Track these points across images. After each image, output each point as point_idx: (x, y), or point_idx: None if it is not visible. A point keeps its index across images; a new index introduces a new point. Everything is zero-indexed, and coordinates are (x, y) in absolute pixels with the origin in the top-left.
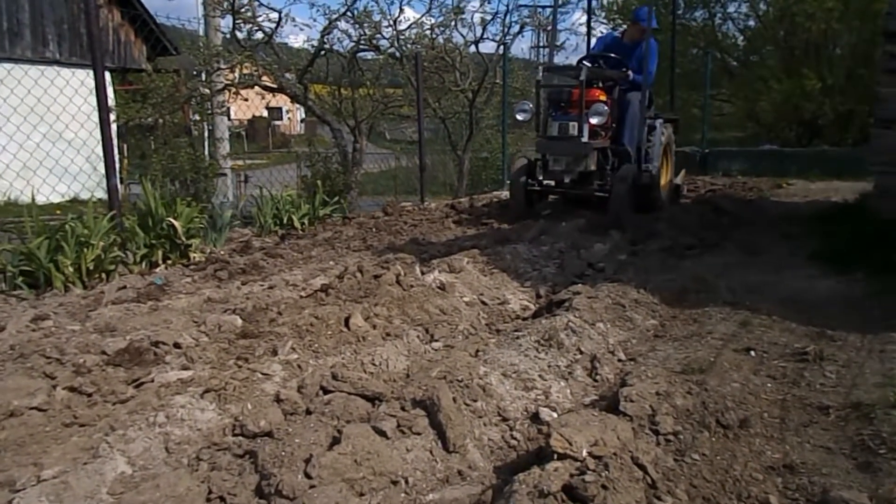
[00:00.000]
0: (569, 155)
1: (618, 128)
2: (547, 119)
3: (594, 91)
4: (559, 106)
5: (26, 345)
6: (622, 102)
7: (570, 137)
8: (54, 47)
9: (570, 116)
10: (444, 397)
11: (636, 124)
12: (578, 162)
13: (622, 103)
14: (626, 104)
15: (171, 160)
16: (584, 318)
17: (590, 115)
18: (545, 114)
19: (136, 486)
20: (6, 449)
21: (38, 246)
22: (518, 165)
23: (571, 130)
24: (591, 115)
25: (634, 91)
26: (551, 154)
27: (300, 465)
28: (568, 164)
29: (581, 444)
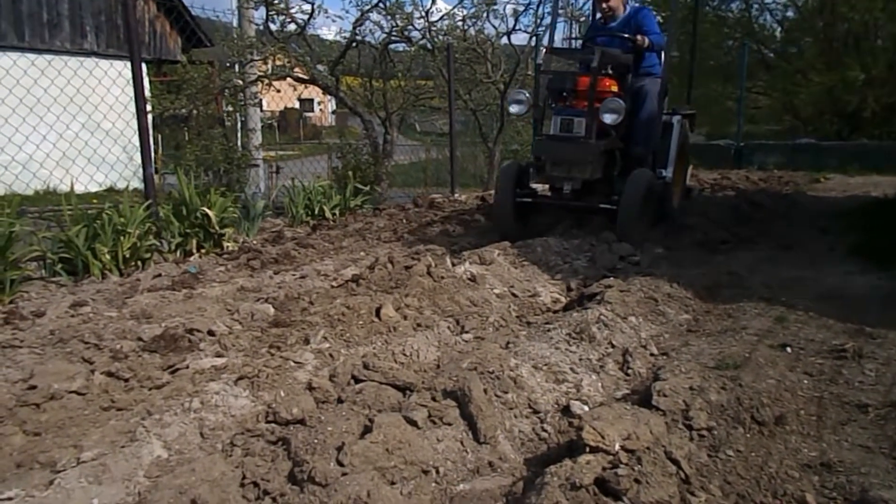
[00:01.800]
0: (573, 159)
1: (630, 124)
2: (545, 113)
3: (605, 80)
4: (561, 97)
5: (65, 330)
6: (636, 93)
7: (576, 138)
8: (92, 39)
9: (575, 111)
10: (475, 388)
11: (653, 121)
12: (583, 168)
13: (636, 94)
14: (642, 96)
15: (204, 151)
16: (616, 312)
17: (602, 111)
18: (545, 106)
19: (171, 469)
20: (47, 431)
21: (77, 234)
22: (505, 171)
23: (577, 129)
24: (604, 111)
25: (650, 78)
26: (552, 158)
27: (332, 452)
28: (570, 169)
29: (613, 437)
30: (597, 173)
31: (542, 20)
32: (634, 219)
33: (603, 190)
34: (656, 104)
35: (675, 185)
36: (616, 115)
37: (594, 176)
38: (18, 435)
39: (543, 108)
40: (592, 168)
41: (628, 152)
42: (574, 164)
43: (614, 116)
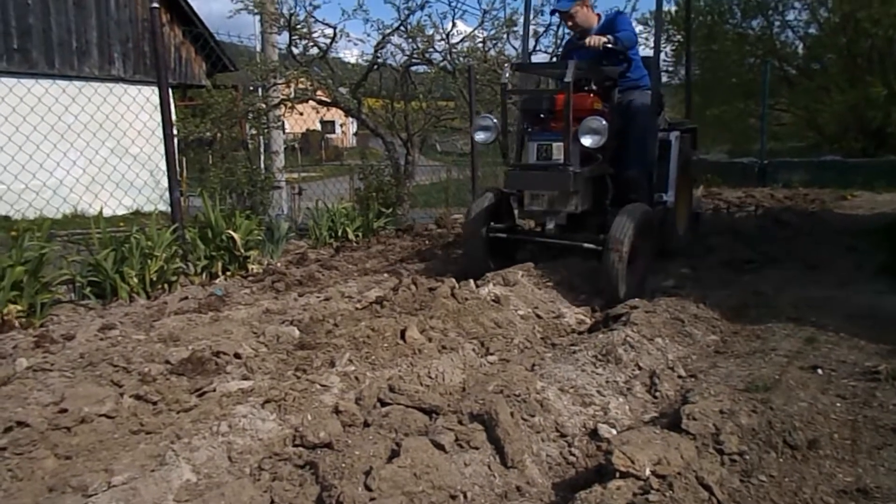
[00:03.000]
0: (552, 190)
1: (619, 146)
2: (523, 139)
3: (585, 97)
4: (538, 119)
5: (95, 353)
6: (625, 109)
7: (554, 165)
8: (119, 65)
9: (554, 134)
10: (502, 412)
11: (646, 139)
12: (566, 200)
13: (625, 110)
14: (631, 112)
15: (228, 174)
16: (643, 333)
17: (581, 132)
18: (520, 131)
19: (200, 494)
20: (78, 454)
21: (105, 257)
22: (479, 201)
23: (556, 154)
24: (583, 132)
25: (640, 91)
26: (527, 190)
27: (360, 477)
28: (552, 202)
29: (644, 462)
30: (584, 205)
31: (562, 41)
32: (622, 268)
33: (595, 222)
34: (648, 120)
35: (679, 210)
36: (597, 137)
37: (581, 208)
38: (50, 458)
39: (521, 135)
40: (578, 199)
41: (620, 177)
42: (556, 196)
43: (596, 138)
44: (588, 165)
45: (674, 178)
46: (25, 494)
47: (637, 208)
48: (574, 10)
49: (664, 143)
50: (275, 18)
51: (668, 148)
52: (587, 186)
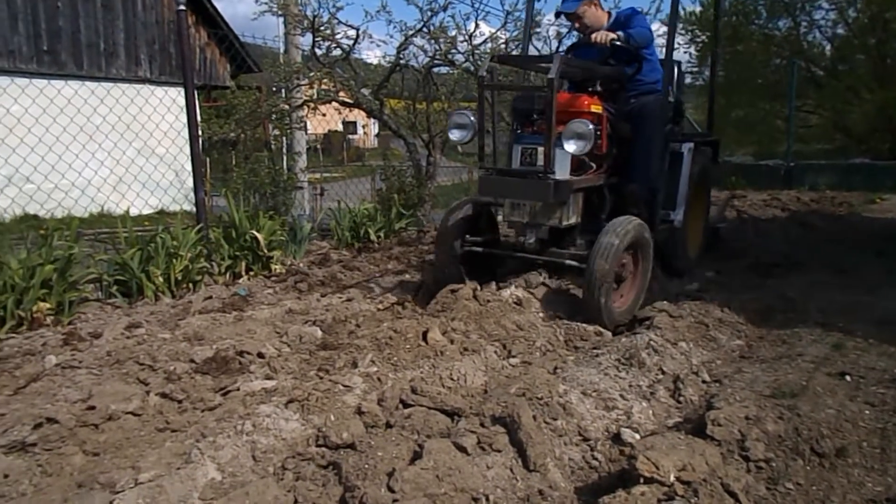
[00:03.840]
0: (529, 200)
1: (624, 154)
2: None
3: (581, 98)
4: (529, 121)
5: (121, 351)
6: (635, 115)
7: (533, 173)
8: (146, 66)
9: (541, 138)
10: (524, 415)
11: (651, 150)
12: (549, 212)
13: (633, 116)
14: (640, 118)
15: (252, 174)
16: (666, 337)
17: (564, 137)
18: (511, 133)
19: (225, 492)
20: (106, 451)
21: (132, 257)
22: (454, 210)
23: (541, 160)
24: (567, 137)
25: (655, 96)
26: (501, 197)
27: (383, 478)
28: (533, 213)
29: (668, 468)
30: (571, 218)
31: None
32: (605, 292)
33: (589, 238)
34: (656, 128)
35: (689, 231)
36: (582, 143)
37: (567, 221)
38: (79, 455)
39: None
40: (563, 212)
41: (620, 190)
42: (538, 207)
43: (580, 144)
44: (581, 174)
45: (684, 194)
46: (55, 490)
47: (626, 223)
48: (581, 10)
49: (675, 156)
50: (298, 20)
51: (680, 161)
52: (577, 198)
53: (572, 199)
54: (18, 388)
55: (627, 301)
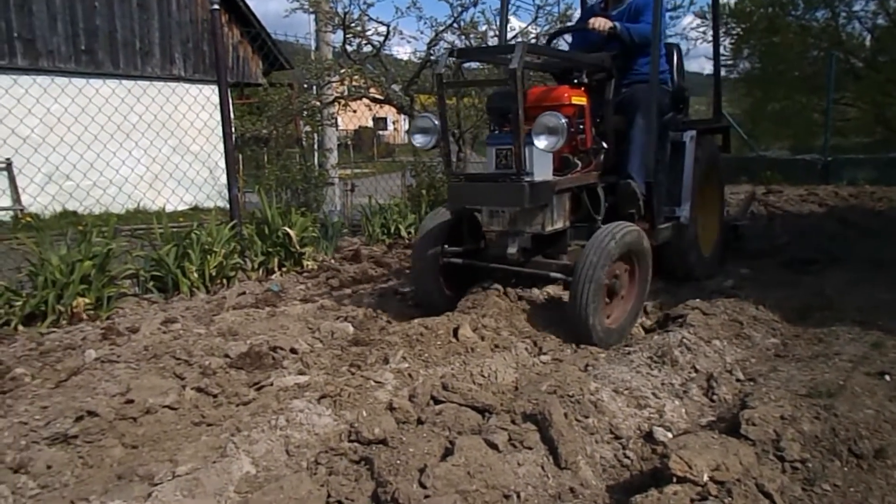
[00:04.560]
0: (501, 206)
1: (618, 149)
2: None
3: (559, 90)
4: (506, 120)
5: (158, 346)
6: (624, 104)
7: (505, 176)
8: (180, 65)
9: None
10: (556, 412)
11: (645, 142)
12: (529, 218)
13: (624, 105)
14: (630, 108)
15: (284, 170)
16: (700, 335)
17: (535, 132)
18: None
19: (260, 486)
20: (144, 444)
21: (167, 253)
22: (430, 221)
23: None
24: (538, 132)
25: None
26: (473, 205)
27: (414, 474)
28: (513, 220)
29: (701, 467)
30: (556, 223)
31: None
32: (593, 307)
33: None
34: (648, 117)
35: (703, 227)
36: (554, 138)
37: (551, 227)
38: (118, 447)
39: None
40: (546, 216)
41: (613, 188)
42: (517, 213)
43: (552, 140)
44: (565, 173)
45: (689, 187)
46: (96, 481)
47: (618, 229)
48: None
49: (677, 146)
50: (329, 17)
51: (682, 151)
52: (562, 200)
53: (556, 201)
54: (60, 382)
55: (622, 317)
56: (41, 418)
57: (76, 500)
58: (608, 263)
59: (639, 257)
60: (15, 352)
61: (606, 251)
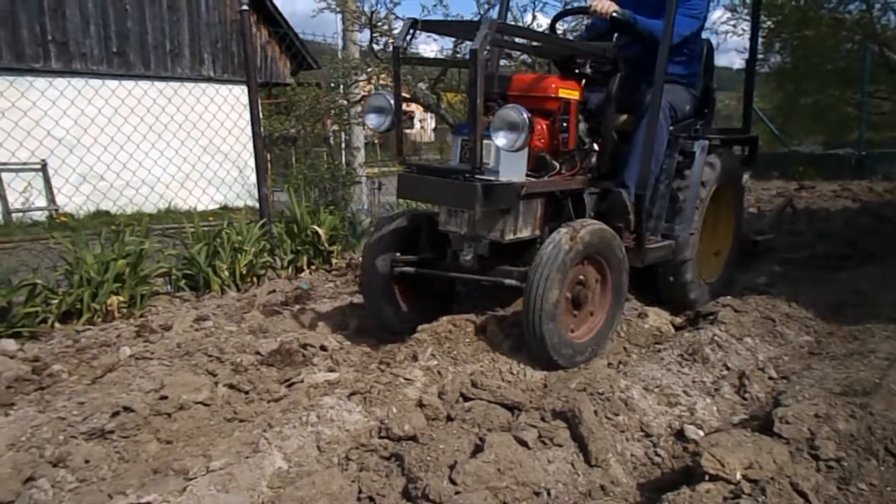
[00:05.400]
0: (450, 205)
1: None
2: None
3: (547, 81)
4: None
5: (191, 343)
6: (636, 102)
7: (458, 172)
8: (209, 65)
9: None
10: (586, 410)
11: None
12: (490, 222)
13: (636, 103)
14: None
15: (311, 169)
16: (731, 333)
17: (494, 127)
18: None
19: (292, 481)
20: (178, 439)
21: (199, 252)
22: (383, 226)
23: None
24: (497, 127)
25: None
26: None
27: (445, 470)
28: (472, 223)
29: (734, 465)
30: (519, 230)
31: None
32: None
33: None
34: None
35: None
36: (514, 136)
37: (511, 235)
38: (153, 442)
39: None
40: (509, 223)
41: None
42: (477, 216)
43: (512, 137)
44: (541, 175)
45: (693, 205)
46: (132, 475)
47: (576, 228)
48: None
49: (683, 156)
50: (356, 16)
51: (690, 163)
52: (532, 206)
53: (523, 207)
54: (96, 378)
55: (592, 331)
56: (79, 414)
57: (114, 494)
58: (566, 268)
59: (609, 261)
60: (52, 349)
61: (563, 254)
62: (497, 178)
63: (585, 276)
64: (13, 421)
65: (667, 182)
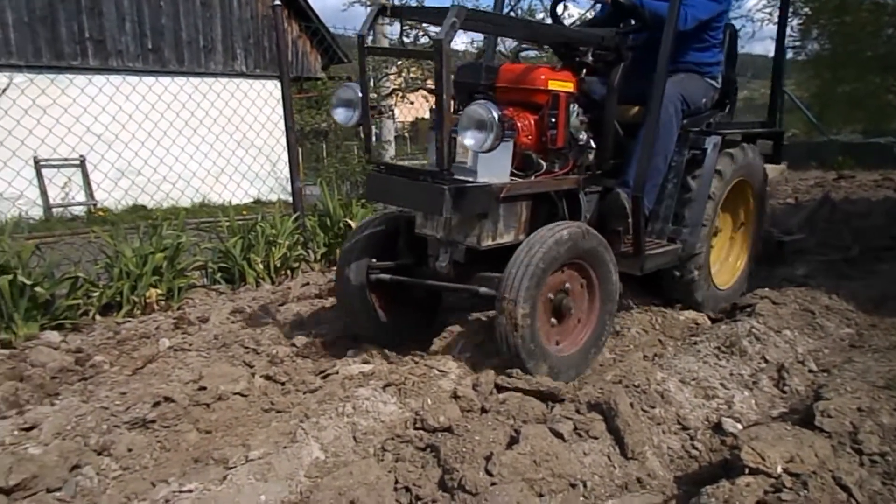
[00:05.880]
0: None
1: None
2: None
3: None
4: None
5: (227, 335)
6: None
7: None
8: (241, 61)
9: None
10: (622, 402)
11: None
12: (468, 227)
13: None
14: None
15: (343, 163)
16: (769, 325)
17: (461, 126)
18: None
19: (329, 471)
20: (217, 429)
21: (234, 245)
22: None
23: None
24: (464, 126)
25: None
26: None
27: (481, 462)
28: (448, 227)
29: (775, 459)
30: (498, 236)
31: None
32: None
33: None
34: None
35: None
36: (482, 135)
37: (489, 242)
38: (193, 432)
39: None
40: (486, 228)
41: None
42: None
43: (479, 137)
44: (528, 174)
45: (701, 206)
46: (173, 464)
47: (556, 230)
48: None
49: (695, 150)
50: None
51: (700, 160)
52: (514, 209)
53: (505, 210)
54: (136, 369)
55: (578, 342)
56: (121, 403)
57: (156, 482)
58: (542, 275)
59: (595, 265)
60: (94, 340)
61: (536, 260)
62: (475, 179)
63: (568, 283)
64: (59, 410)
65: (675, 181)
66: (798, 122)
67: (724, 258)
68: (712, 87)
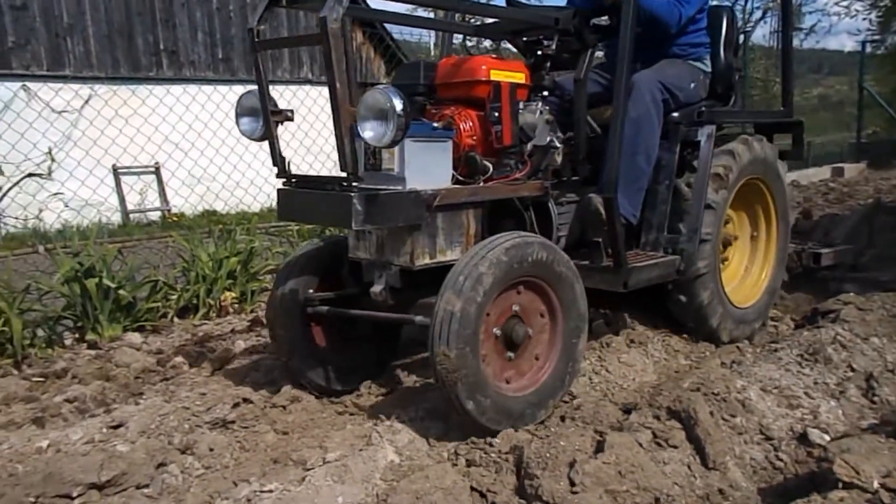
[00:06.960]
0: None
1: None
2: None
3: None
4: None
5: None
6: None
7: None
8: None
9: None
10: (701, 410)
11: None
12: (396, 245)
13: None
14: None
15: None
16: (855, 332)
17: (361, 120)
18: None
19: (405, 475)
20: (294, 431)
21: None
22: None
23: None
24: (362, 118)
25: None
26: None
27: (564, 469)
28: (381, 246)
29: (870, 473)
30: (437, 254)
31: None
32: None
33: None
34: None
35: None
36: (382, 128)
37: (424, 261)
38: (270, 433)
39: None
40: (421, 244)
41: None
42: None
43: (380, 130)
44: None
45: (699, 209)
46: (253, 464)
47: (499, 241)
48: None
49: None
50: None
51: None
52: (455, 221)
53: (445, 222)
54: (215, 370)
55: (537, 381)
56: (201, 404)
57: (238, 481)
58: (484, 298)
59: (555, 285)
60: (173, 342)
61: (473, 280)
62: (403, 187)
63: (522, 306)
64: (143, 409)
65: (666, 183)
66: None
67: (743, 272)
68: (700, 71)
